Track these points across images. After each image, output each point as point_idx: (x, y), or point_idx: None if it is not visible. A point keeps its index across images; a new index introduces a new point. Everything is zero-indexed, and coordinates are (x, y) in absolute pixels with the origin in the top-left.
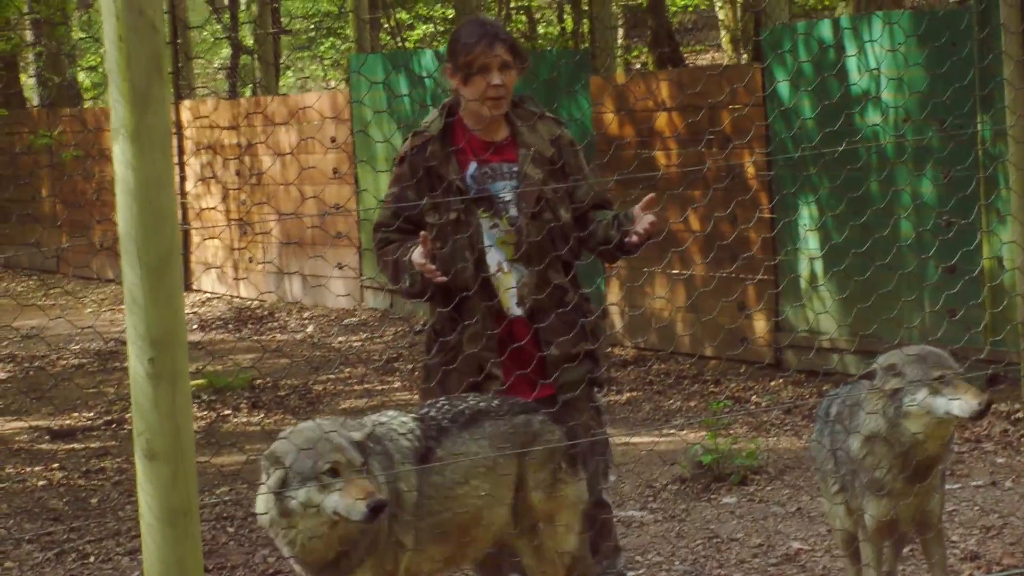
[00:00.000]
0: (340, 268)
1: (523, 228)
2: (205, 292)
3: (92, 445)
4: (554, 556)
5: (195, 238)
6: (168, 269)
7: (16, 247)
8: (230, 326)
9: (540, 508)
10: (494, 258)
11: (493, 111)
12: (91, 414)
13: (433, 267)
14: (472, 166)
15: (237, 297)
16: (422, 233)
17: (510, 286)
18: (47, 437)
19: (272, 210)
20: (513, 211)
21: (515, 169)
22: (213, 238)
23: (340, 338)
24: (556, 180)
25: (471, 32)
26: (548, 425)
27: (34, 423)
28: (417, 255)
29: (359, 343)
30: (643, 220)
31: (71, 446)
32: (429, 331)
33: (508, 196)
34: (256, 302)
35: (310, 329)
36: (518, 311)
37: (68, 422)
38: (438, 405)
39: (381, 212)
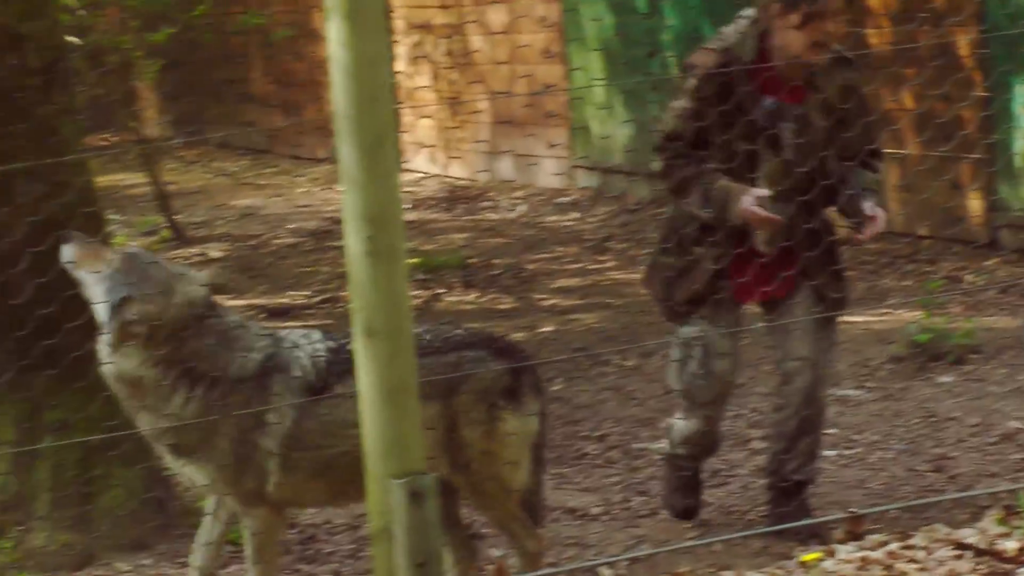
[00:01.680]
0: (551, 147)
1: (791, 171)
2: (417, 172)
3: (308, 323)
4: (498, 494)
5: (407, 118)
6: (384, 147)
7: (230, 127)
8: (443, 205)
9: (476, 447)
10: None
11: (816, 57)
12: (306, 292)
13: (766, 214)
14: (767, 100)
15: (449, 177)
16: (756, 193)
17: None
18: (263, 315)
19: (483, 89)
20: (788, 153)
21: (800, 111)
22: (425, 118)
23: (552, 217)
24: (838, 127)
25: None
26: (484, 362)
27: (250, 301)
28: (749, 201)
29: (571, 222)
30: (872, 226)
31: (287, 324)
32: (669, 228)
33: (788, 138)
34: (468, 181)
35: (522, 208)
36: (764, 249)
37: (284, 300)
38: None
39: (674, 123)
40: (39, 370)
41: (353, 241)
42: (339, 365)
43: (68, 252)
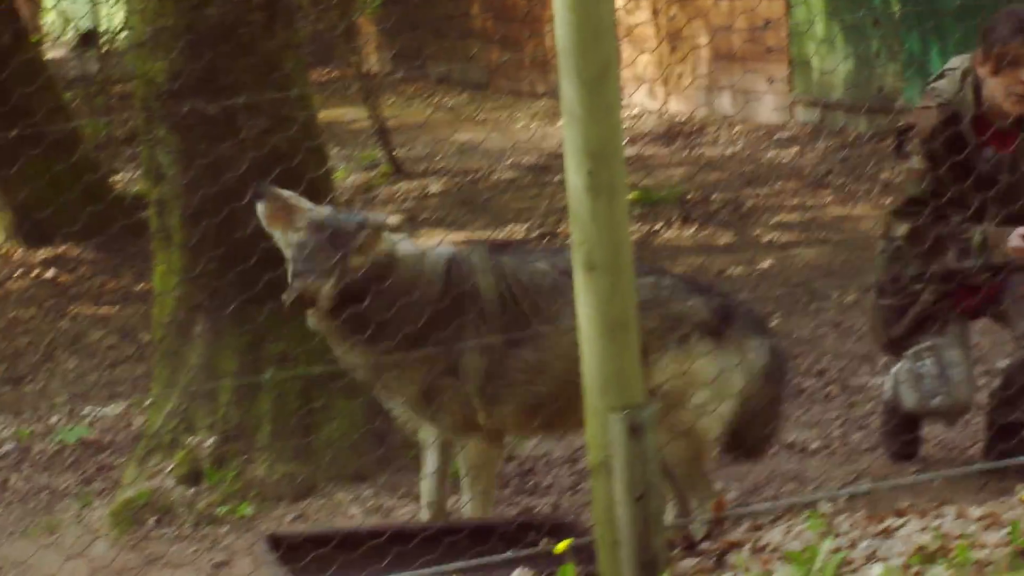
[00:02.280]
0: (771, 82)
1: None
2: (636, 107)
3: None
4: (684, 436)
5: (626, 53)
6: (606, 82)
7: (450, 62)
8: (662, 140)
9: (662, 382)
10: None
11: (1016, 108)
12: (524, 227)
13: None
14: (987, 151)
15: (668, 112)
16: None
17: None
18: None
19: (703, 24)
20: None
21: (1011, 158)
22: (645, 53)
23: (771, 153)
24: None
25: (1009, 24)
26: (681, 292)
27: (469, 235)
28: (1017, 240)
29: (790, 158)
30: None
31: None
32: (885, 272)
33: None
34: (687, 116)
35: (741, 144)
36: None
37: (502, 234)
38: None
39: (912, 187)
40: (262, 303)
41: (574, 176)
42: (535, 292)
43: (260, 209)
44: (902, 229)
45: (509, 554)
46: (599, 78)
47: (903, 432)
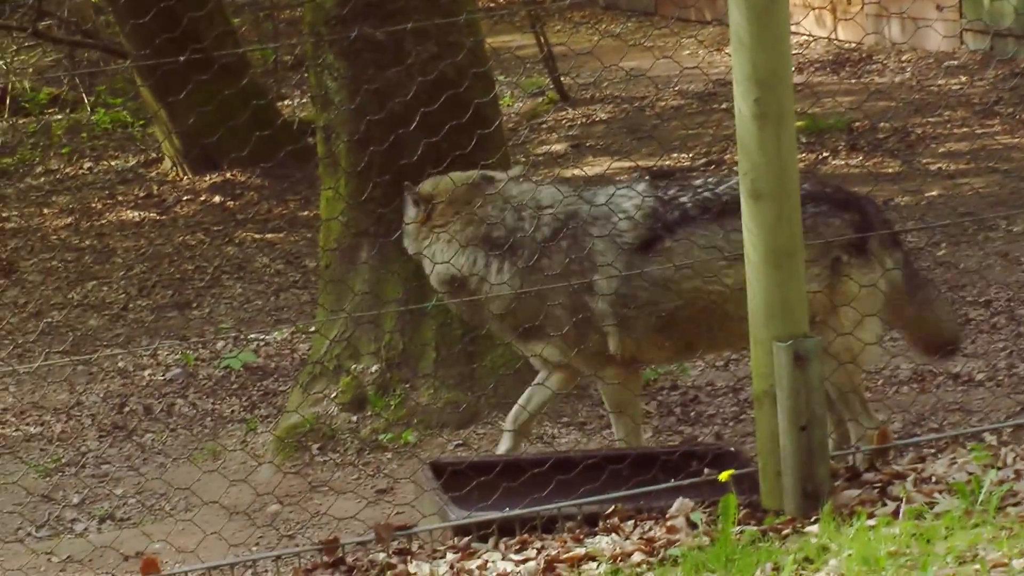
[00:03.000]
0: (940, 10)
1: None
2: (805, 34)
3: None
4: (841, 352)
5: None
6: (775, 10)
7: None
8: (829, 68)
9: (818, 304)
10: None
11: None
12: (690, 155)
13: None
14: None
15: (836, 39)
16: None
17: None
18: (647, 177)
19: None
20: None
21: None
22: None
23: (940, 81)
24: None
25: None
26: (825, 216)
27: (635, 163)
28: None
29: (959, 86)
30: None
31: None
32: None
33: None
34: (855, 44)
35: (909, 72)
36: None
37: (668, 163)
38: (695, 184)
39: None
40: None
41: (742, 104)
42: (668, 217)
43: (407, 212)
44: None
45: (671, 483)
46: (768, 5)
47: None
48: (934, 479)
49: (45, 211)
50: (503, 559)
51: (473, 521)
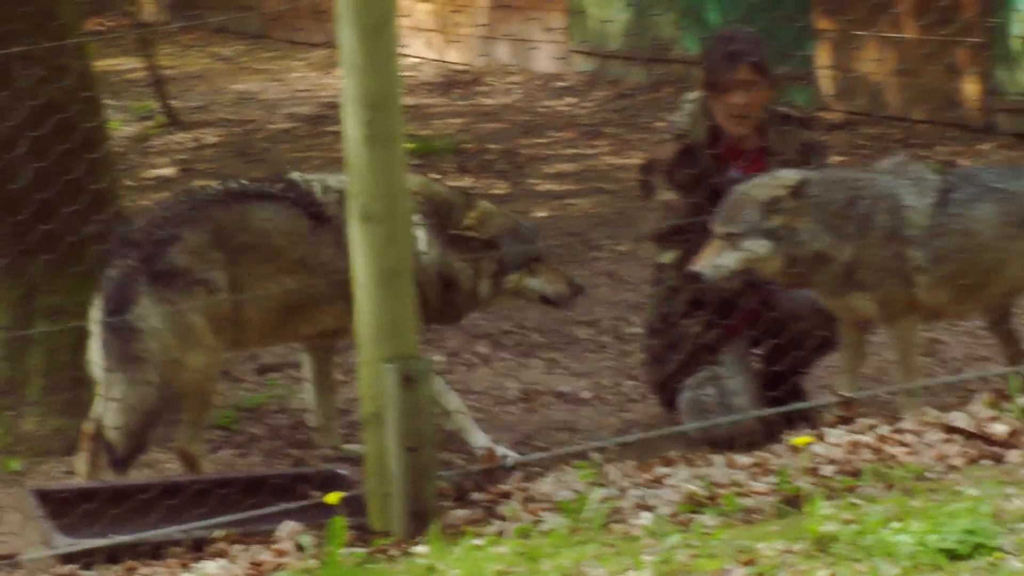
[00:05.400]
0: (548, 32)
1: None
2: (415, 56)
3: None
4: None
5: (404, 2)
6: (385, 32)
7: (227, 11)
8: (439, 90)
9: None
10: None
11: (736, 129)
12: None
13: None
14: (732, 172)
15: (446, 61)
16: None
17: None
18: None
19: None
20: None
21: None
22: (423, 2)
23: (548, 102)
24: None
25: (717, 49)
26: None
27: None
28: None
29: (567, 107)
30: None
31: None
32: (654, 313)
33: None
34: (465, 66)
35: (518, 93)
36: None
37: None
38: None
39: (668, 218)
40: (36, 255)
41: (352, 126)
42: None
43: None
44: (668, 257)
45: (281, 506)
46: (378, 27)
47: (672, 381)
48: (541, 498)
49: None
50: None
51: (79, 549)
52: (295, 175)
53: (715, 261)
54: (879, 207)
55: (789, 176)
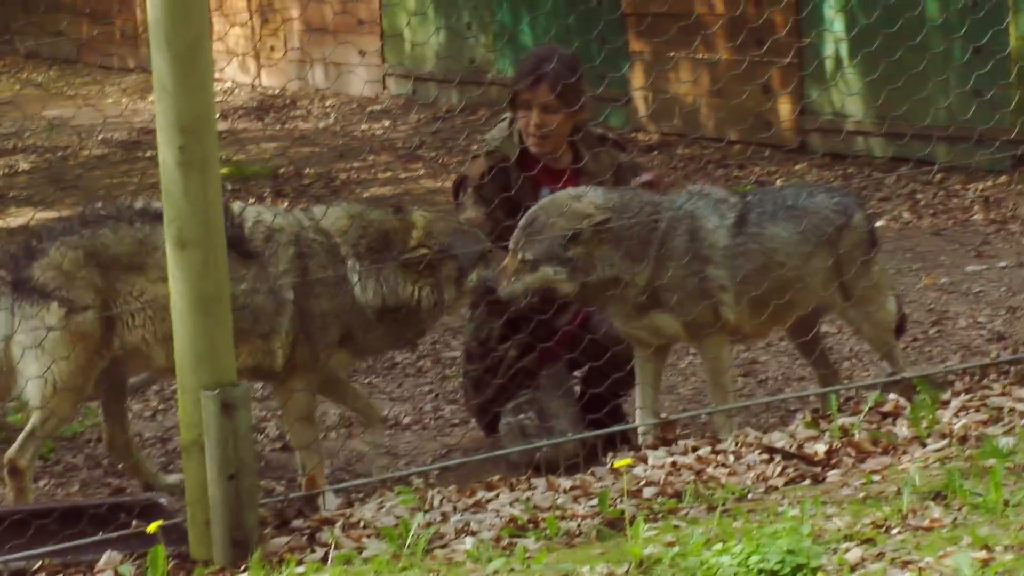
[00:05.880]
0: (363, 55)
1: None
2: (228, 81)
3: None
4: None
5: (217, 26)
6: (198, 56)
7: (38, 37)
8: (254, 115)
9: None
10: None
11: (538, 147)
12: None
13: None
14: (544, 191)
15: (260, 85)
16: None
17: None
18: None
19: None
20: None
21: None
22: (236, 26)
23: (363, 126)
24: None
25: (524, 64)
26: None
27: (60, 213)
28: None
29: (382, 130)
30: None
31: None
32: (472, 339)
33: None
34: (279, 90)
35: (333, 117)
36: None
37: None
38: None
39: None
40: None
41: (166, 151)
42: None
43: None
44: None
45: (100, 536)
46: (190, 52)
47: (492, 405)
48: (363, 524)
49: None
50: None
51: None
52: (234, 205)
53: (511, 281)
54: (679, 229)
55: (590, 204)
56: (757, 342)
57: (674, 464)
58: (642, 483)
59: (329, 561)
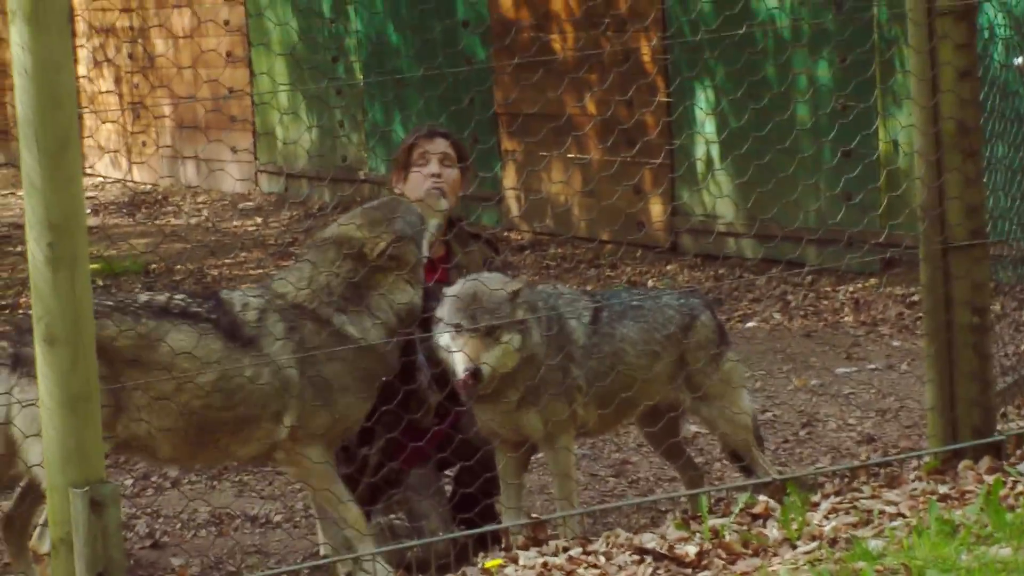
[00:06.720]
0: (235, 152)
1: None
2: (99, 176)
3: None
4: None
5: (89, 122)
6: (67, 153)
7: None
8: (125, 210)
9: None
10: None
11: (436, 200)
12: None
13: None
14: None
15: (132, 181)
16: None
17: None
18: None
19: (166, 94)
20: None
21: (439, 288)
22: (108, 122)
23: (236, 222)
24: None
25: (415, 129)
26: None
27: None
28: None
29: (255, 227)
30: None
31: None
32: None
33: None
34: (151, 186)
35: (205, 214)
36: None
37: None
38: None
39: None
40: None
41: (35, 248)
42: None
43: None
44: None
45: None
46: (60, 148)
47: (361, 505)
48: None
49: None
50: None
51: None
52: (224, 293)
53: (484, 357)
54: (552, 325)
55: (502, 278)
56: (600, 437)
57: (545, 565)
58: None
59: None
